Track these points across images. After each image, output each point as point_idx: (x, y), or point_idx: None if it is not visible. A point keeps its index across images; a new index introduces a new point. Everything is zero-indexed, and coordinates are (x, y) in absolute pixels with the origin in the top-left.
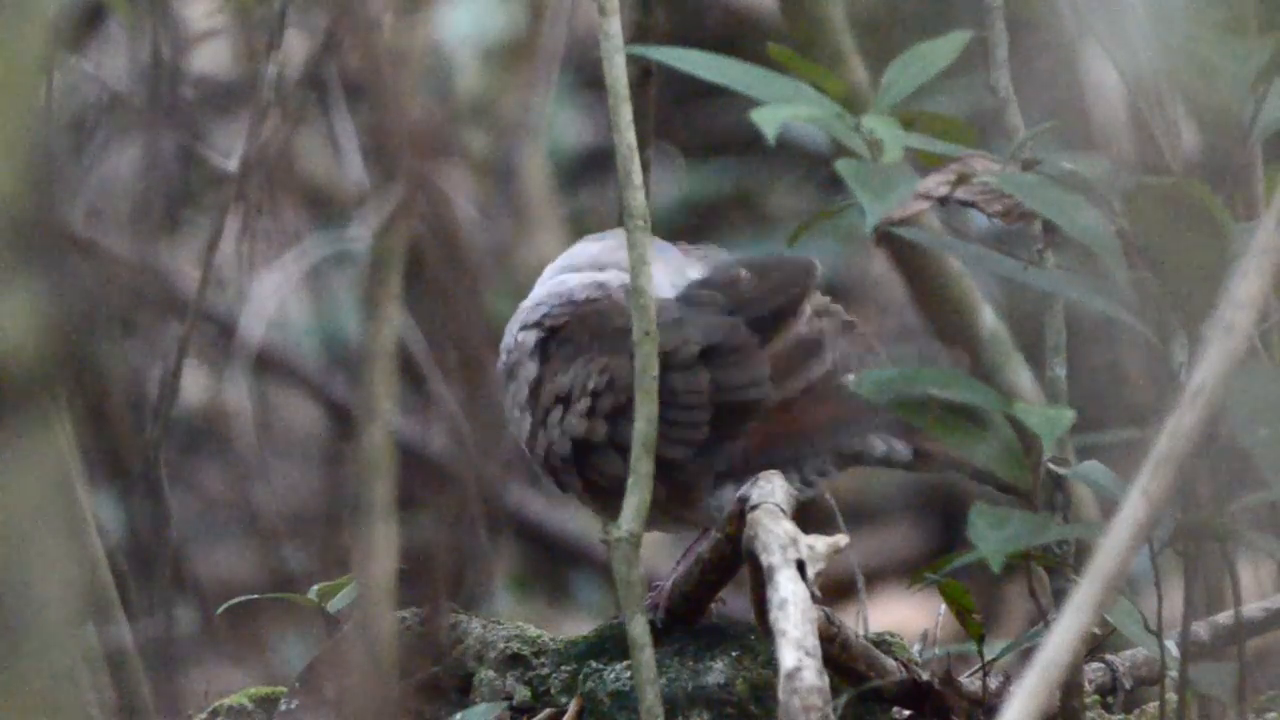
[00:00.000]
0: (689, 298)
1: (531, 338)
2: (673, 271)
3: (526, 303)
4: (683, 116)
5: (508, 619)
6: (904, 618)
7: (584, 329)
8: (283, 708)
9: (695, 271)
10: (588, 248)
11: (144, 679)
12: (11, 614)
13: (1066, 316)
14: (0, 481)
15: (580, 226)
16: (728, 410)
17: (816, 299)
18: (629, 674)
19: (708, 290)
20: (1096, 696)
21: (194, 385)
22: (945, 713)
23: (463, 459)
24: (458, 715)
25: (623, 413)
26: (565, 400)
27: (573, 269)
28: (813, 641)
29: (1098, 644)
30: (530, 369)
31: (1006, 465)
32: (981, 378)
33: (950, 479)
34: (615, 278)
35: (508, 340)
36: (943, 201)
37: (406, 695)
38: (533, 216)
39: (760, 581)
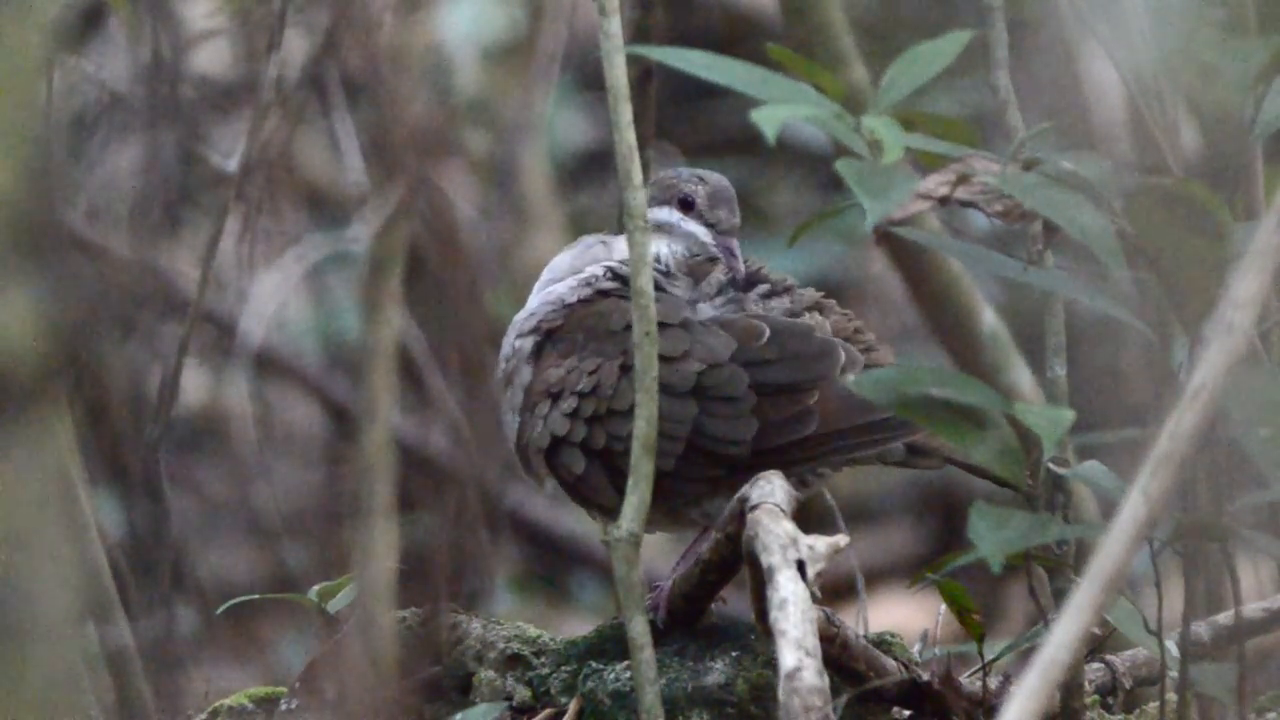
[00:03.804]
0: (701, 326)
1: (529, 344)
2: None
3: (520, 315)
4: (683, 116)
5: (508, 619)
6: (904, 618)
7: (580, 328)
8: (283, 708)
9: (710, 306)
10: (562, 259)
11: (144, 679)
12: (11, 614)
13: (1066, 316)
14: (0, 481)
15: (580, 226)
16: (702, 452)
17: (810, 294)
18: (629, 674)
19: (721, 329)
20: (1096, 696)
21: (194, 385)
22: (945, 713)
23: (463, 459)
24: (458, 715)
25: (601, 421)
26: (555, 396)
27: (556, 280)
28: (813, 641)
29: (1098, 644)
30: (525, 374)
31: (1006, 465)
32: (981, 378)
33: (949, 477)
34: (598, 268)
35: (506, 349)
36: (943, 201)
37: (406, 695)
38: (533, 216)
39: (760, 581)
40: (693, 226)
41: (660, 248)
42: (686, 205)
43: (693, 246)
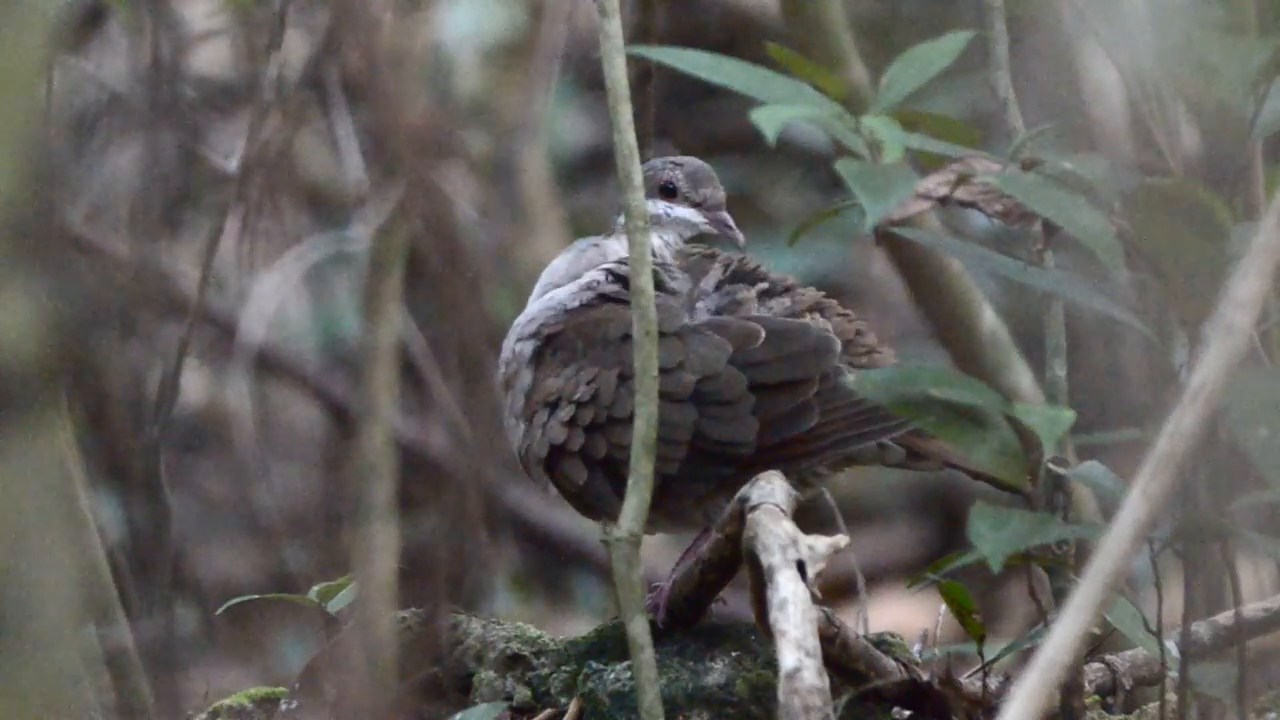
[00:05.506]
0: (696, 333)
1: (529, 348)
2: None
3: (521, 319)
4: (683, 116)
5: (508, 619)
6: (904, 618)
7: (579, 335)
8: (283, 708)
9: (708, 303)
10: (559, 263)
11: (144, 679)
12: (11, 614)
13: (1066, 316)
14: (0, 481)
15: (580, 226)
16: (705, 454)
17: (811, 294)
18: (629, 674)
19: (717, 334)
20: (1096, 696)
21: (194, 385)
22: (945, 713)
23: (463, 459)
24: (458, 715)
25: (600, 429)
26: (553, 405)
27: (554, 285)
28: (813, 642)
29: (1098, 644)
30: (526, 379)
31: (1006, 465)
32: (981, 378)
33: (948, 478)
34: (598, 273)
35: (505, 353)
36: (943, 201)
37: (406, 695)
38: (533, 216)
39: (760, 582)
40: (681, 211)
41: (653, 242)
42: (669, 192)
43: (684, 231)
